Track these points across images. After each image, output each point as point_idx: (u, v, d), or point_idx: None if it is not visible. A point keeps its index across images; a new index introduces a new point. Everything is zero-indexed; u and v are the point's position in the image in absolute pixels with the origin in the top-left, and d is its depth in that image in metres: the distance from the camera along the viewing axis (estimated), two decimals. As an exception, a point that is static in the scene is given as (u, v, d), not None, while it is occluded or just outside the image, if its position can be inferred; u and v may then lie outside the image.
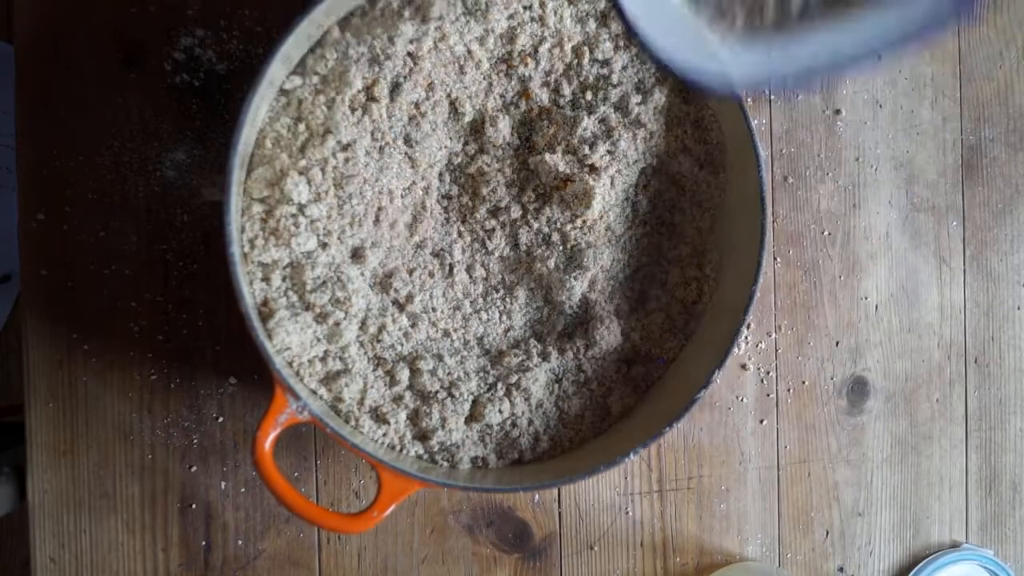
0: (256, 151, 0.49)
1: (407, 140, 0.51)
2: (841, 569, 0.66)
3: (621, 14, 0.38)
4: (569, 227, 0.54)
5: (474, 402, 0.53)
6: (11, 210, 0.55)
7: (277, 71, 0.47)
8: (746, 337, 0.64)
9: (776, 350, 0.64)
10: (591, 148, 0.52)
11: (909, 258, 0.67)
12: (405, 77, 0.50)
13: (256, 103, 0.45)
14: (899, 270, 0.67)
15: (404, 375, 0.52)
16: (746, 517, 0.64)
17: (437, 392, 0.52)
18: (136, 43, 0.55)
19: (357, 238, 0.51)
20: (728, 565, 0.63)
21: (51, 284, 0.55)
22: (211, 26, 0.55)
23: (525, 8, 0.52)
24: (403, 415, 0.51)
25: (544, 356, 0.54)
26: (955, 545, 0.67)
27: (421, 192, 0.53)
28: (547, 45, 0.53)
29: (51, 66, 0.54)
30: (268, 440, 0.44)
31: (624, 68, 0.54)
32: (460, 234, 0.55)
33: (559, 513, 0.61)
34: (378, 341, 0.52)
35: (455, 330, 0.54)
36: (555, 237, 0.55)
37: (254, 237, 0.48)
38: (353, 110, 0.49)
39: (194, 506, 0.56)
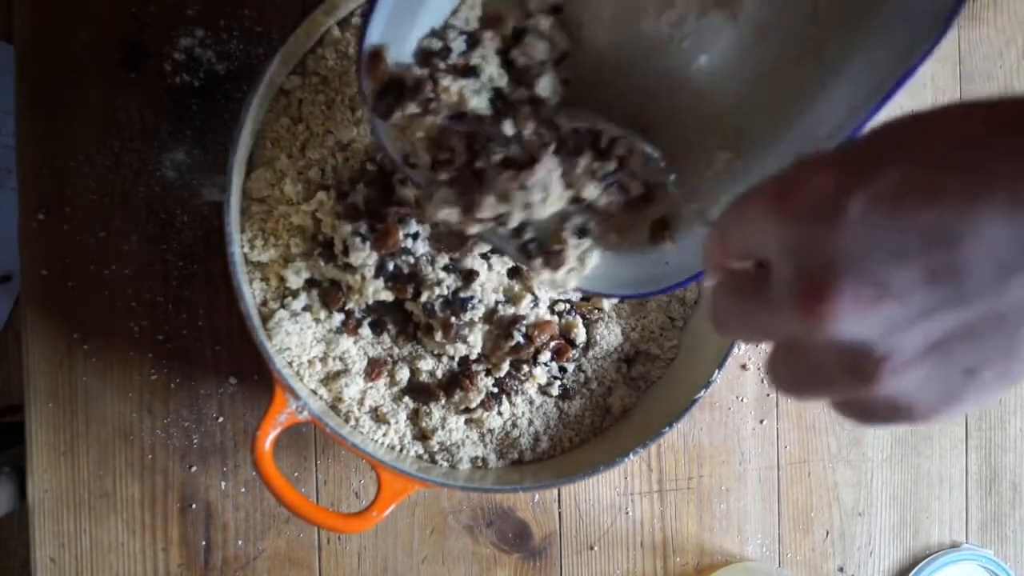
0: (256, 151, 0.49)
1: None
2: (841, 569, 0.66)
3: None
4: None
5: (474, 402, 0.53)
6: (11, 210, 0.55)
7: (277, 71, 0.47)
8: (746, 337, 0.64)
9: (776, 350, 0.64)
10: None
11: (909, 258, 0.67)
12: (405, 77, 0.50)
13: (256, 103, 0.45)
14: (899, 270, 0.67)
15: (404, 375, 0.51)
16: (746, 517, 0.64)
17: (437, 392, 0.52)
18: (136, 43, 0.55)
19: (357, 238, 0.51)
20: (728, 565, 0.63)
21: (51, 284, 0.55)
22: (211, 26, 0.55)
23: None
24: (403, 415, 0.51)
25: (544, 356, 0.54)
26: (955, 545, 0.67)
27: (421, 192, 0.53)
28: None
29: (51, 66, 0.54)
30: (268, 440, 0.44)
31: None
32: (460, 234, 0.55)
33: (559, 513, 0.61)
34: (378, 341, 0.52)
35: (455, 330, 0.54)
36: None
37: (254, 237, 0.48)
38: (353, 110, 0.49)
39: (194, 506, 0.56)
